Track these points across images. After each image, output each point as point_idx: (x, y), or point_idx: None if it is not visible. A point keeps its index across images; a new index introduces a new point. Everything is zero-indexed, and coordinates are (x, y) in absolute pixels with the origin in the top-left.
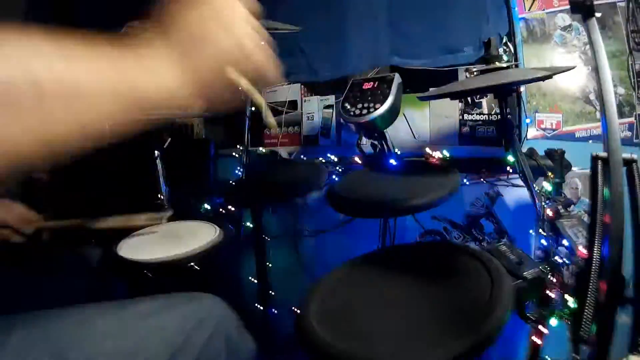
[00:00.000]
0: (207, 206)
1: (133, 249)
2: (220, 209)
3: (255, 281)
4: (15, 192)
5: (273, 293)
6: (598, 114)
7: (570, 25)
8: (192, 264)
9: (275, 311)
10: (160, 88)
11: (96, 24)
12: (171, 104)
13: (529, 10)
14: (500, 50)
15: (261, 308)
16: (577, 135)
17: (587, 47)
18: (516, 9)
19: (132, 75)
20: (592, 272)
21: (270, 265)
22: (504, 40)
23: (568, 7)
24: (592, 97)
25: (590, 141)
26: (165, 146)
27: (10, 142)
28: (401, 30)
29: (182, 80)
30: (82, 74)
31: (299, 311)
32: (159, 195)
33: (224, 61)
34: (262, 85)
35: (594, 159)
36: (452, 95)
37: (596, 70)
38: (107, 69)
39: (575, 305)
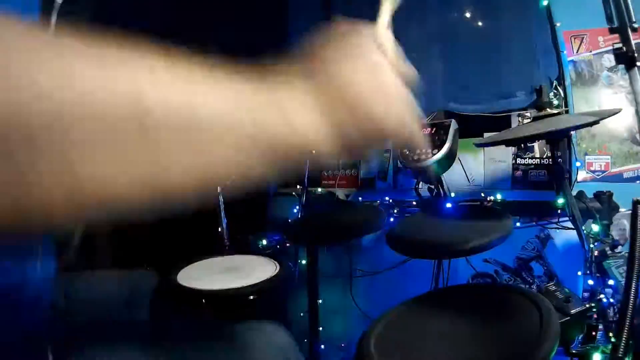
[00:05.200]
0: (264, 242)
1: (192, 278)
2: (277, 246)
3: (306, 316)
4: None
5: (322, 329)
6: None
7: (616, 66)
8: (252, 297)
9: (323, 347)
10: (296, 133)
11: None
12: (304, 153)
13: (577, 52)
14: (551, 94)
15: (310, 344)
16: (625, 176)
17: None
18: (565, 52)
19: (265, 112)
20: (630, 308)
21: (322, 302)
22: (554, 84)
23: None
24: (639, 137)
25: (638, 181)
26: (229, 182)
27: (107, 183)
28: (456, 76)
29: (323, 130)
30: (203, 103)
31: (359, 343)
32: (219, 229)
33: (372, 115)
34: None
35: (635, 203)
36: (507, 143)
37: (638, 118)
38: (233, 99)
39: (614, 340)
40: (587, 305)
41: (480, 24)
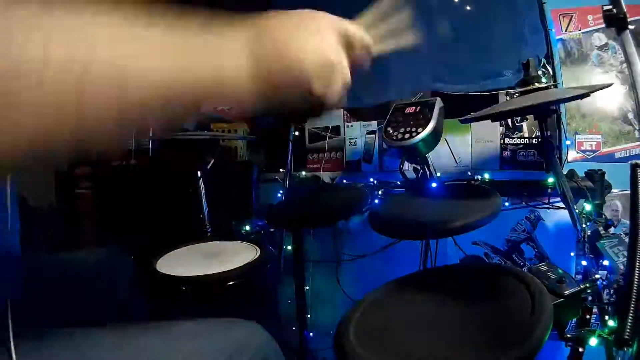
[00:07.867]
0: (247, 228)
1: (171, 266)
2: (261, 231)
3: (293, 303)
4: (57, 207)
5: (310, 316)
6: (637, 133)
7: (606, 44)
8: (231, 282)
9: (312, 334)
10: (224, 77)
11: None
12: (228, 100)
13: (565, 31)
14: (539, 72)
15: (298, 330)
16: (616, 155)
17: (624, 65)
18: (553, 30)
19: (194, 55)
20: (635, 282)
21: (308, 288)
22: (542, 63)
23: (603, 25)
24: (630, 116)
25: (630, 162)
26: (208, 167)
27: (35, 127)
28: (442, 56)
29: (251, 76)
30: (135, 63)
31: (337, 329)
32: (200, 215)
33: (302, 71)
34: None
35: (634, 166)
36: (493, 117)
37: (632, 83)
38: (164, 43)
39: (614, 323)
40: (583, 286)
41: (467, 2)
